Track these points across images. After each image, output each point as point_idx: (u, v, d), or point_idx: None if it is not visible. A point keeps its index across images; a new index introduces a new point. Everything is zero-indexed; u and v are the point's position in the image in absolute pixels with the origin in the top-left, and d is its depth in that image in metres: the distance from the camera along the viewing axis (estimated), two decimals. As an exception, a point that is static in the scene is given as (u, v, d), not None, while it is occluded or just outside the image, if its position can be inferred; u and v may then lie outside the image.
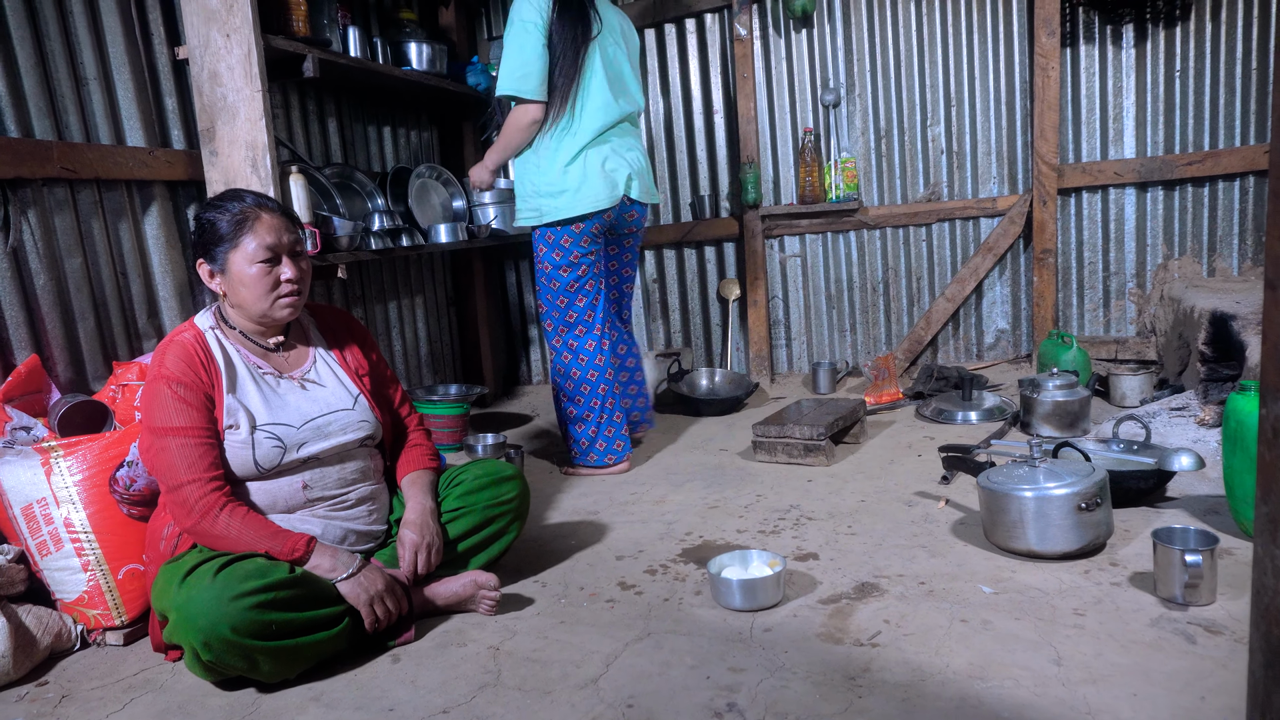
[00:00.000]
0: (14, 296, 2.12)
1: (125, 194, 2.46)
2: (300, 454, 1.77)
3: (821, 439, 2.76)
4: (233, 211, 1.74)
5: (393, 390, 2.06)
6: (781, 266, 4.09)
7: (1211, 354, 2.77)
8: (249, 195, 1.79)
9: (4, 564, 1.79)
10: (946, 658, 1.53)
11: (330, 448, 1.81)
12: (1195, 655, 1.47)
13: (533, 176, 2.72)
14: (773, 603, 1.79)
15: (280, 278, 1.76)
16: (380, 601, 1.69)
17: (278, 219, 1.77)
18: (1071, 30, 3.54)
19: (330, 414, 1.83)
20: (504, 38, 2.65)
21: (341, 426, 1.84)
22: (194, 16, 2.46)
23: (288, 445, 1.75)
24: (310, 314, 1.98)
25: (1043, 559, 1.89)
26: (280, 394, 1.80)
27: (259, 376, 1.80)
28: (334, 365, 1.92)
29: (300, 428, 1.78)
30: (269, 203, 1.79)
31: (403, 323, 3.78)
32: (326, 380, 1.88)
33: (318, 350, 1.92)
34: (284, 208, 1.83)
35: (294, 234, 1.80)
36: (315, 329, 1.96)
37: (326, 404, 1.84)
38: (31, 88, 2.20)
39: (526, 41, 2.58)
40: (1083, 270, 3.73)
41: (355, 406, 1.88)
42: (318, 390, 1.85)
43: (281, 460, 1.74)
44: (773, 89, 3.94)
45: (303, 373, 1.86)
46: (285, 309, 1.79)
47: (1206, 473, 2.29)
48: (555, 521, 2.46)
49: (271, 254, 1.74)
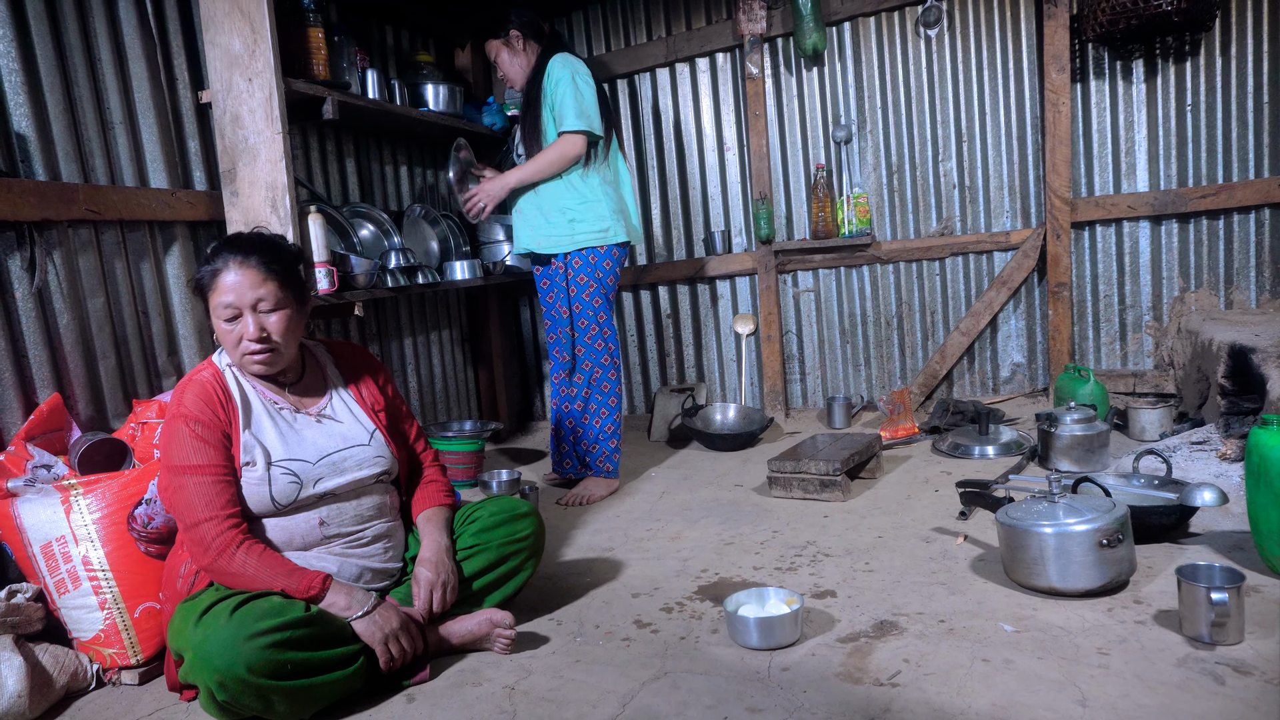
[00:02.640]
0: (38, 336, 2.15)
1: (148, 234, 2.50)
2: (317, 489, 1.77)
3: (837, 474, 2.74)
4: (209, 267, 1.74)
5: (408, 426, 2.06)
6: (795, 301, 4.10)
7: (1231, 387, 2.74)
8: (233, 248, 1.75)
9: (22, 602, 1.79)
10: (969, 698, 1.50)
11: (346, 483, 1.82)
12: (1224, 696, 1.44)
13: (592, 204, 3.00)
14: (790, 641, 1.76)
15: (242, 335, 1.74)
16: (395, 640, 1.68)
17: (248, 274, 1.72)
18: (1081, 66, 3.57)
19: (346, 449, 1.84)
20: (557, 86, 2.94)
21: (358, 462, 1.85)
22: (217, 61, 2.52)
23: (304, 481, 1.76)
24: (328, 350, 2.00)
25: (1064, 596, 1.87)
26: (297, 430, 1.81)
27: (275, 413, 1.81)
28: (350, 401, 1.93)
29: (316, 463, 1.79)
30: (249, 258, 1.73)
31: (418, 359, 3.81)
32: (343, 416, 1.89)
33: (334, 386, 1.94)
34: (270, 261, 1.76)
35: (261, 291, 1.73)
36: (332, 365, 1.98)
37: (343, 439, 1.85)
38: (59, 132, 2.25)
39: (587, 91, 2.95)
40: (1098, 303, 3.71)
41: (371, 442, 1.89)
42: (334, 426, 1.86)
43: (298, 496, 1.75)
44: (784, 126, 3.98)
45: (319, 409, 1.88)
46: (254, 365, 1.78)
47: (1230, 508, 2.26)
48: (570, 558, 2.45)
49: (232, 311, 1.73)
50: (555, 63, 2.97)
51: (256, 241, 1.79)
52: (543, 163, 2.96)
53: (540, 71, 3.00)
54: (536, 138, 3.04)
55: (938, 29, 3.72)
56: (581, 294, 3.03)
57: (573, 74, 2.93)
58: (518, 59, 3.09)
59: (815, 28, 3.67)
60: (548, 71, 2.98)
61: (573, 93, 2.91)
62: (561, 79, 2.93)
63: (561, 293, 3.07)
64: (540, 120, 3.02)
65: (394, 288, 3.09)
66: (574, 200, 2.99)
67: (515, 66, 3.11)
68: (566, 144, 2.93)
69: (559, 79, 2.93)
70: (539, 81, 3.01)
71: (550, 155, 2.95)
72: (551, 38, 3.12)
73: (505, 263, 3.68)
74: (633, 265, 4.26)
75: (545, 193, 3.02)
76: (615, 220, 3.03)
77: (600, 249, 3.01)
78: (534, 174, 2.98)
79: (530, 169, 2.98)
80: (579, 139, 2.93)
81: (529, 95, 3.05)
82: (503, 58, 3.11)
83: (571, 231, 3.00)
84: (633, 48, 4.10)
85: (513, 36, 3.07)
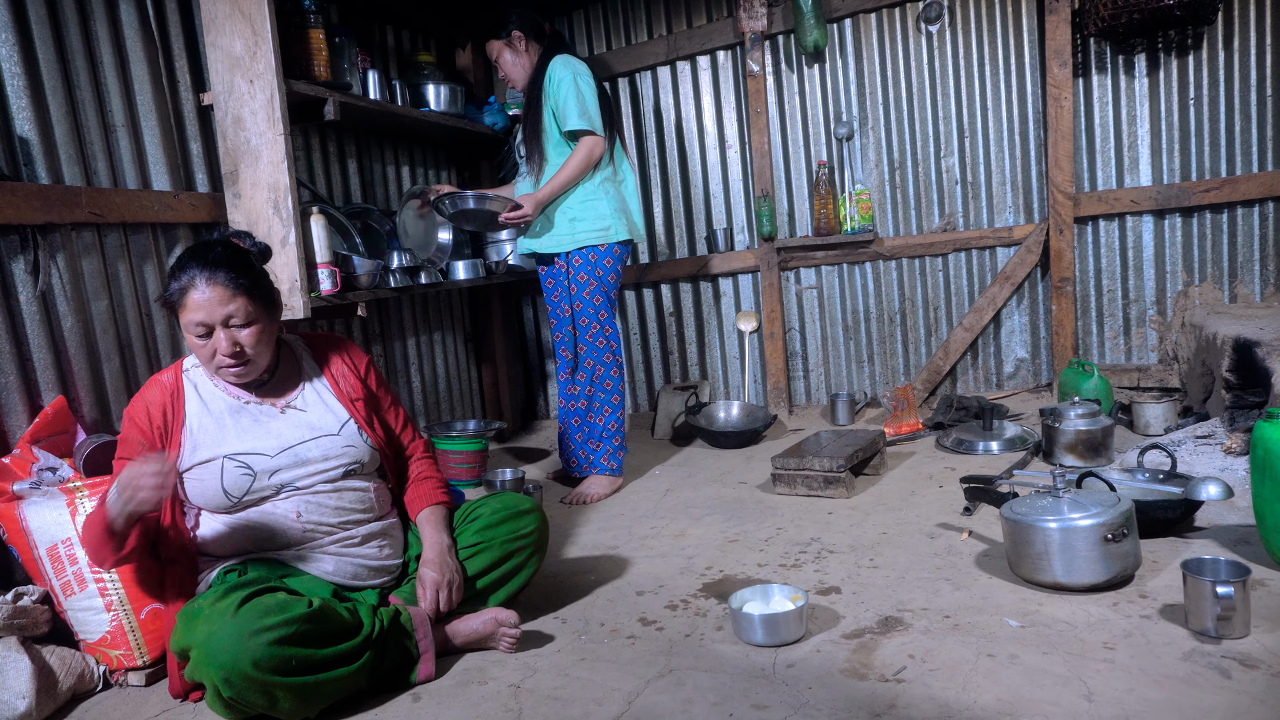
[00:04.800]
0: (42, 339, 2.16)
1: (150, 237, 2.50)
2: (273, 481, 1.78)
3: (841, 471, 2.74)
4: (177, 284, 1.72)
5: (393, 416, 2.05)
6: (798, 298, 4.10)
7: (1236, 381, 2.74)
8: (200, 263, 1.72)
9: (28, 605, 1.80)
10: (974, 693, 1.50)
11: (310, 473, 1.82)
12: (1231, 690, 1.44)
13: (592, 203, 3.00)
14: (795, 638, 1.76)
15: (214, 350, 1.75)
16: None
17: (216, 291, 1.70)
18: (1083, 61, 3.56)
19: (311, 440, 1.84)
20: (559, 87, 2.93)
21: (323, 452, 1.84)
22: (219, 64, 2.53)
23: (257, 472, 1.77)
24: (306, 343, 2.00)
25: (1069, 591, 1.86)
26: (260, 422, 1.82)
27: (239, 408, 1.82)
28: (323, 392, 1.92)
29: (275, 455, 1.79)
30: (217, 274, 1.71)
31: (421, 359, 3.81)
32: (311, 406, 1.89)
33: (308, 378, 1.93)
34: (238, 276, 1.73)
35: (231, 307, 1.71)
36: (309, 358, 1.97)
37: (310, 429, 1.85)
38: (62, 135, 2.25)
39: (588, 92, 2.95)
40: (1102, 298, 3.71)
41: (341, 431, 1.88)
42: (299, 416, 1.86)
43: (251, 486, 1.76)
44: (786, 123, 3.98)
45: (287, 400, 1.88)
46: (229, 377, 1.80)
47: (1235, 502, 2.25)
48: (574, 556, 2.45)
49: (203, 329, 1.73)
50: (556, 64, 2.98)
51: (223, 255, 1.74)
52: (571, 170, 2.96)
53: (541, 72, 3.01)
54: (538, 138, 3.04)
55: (939, 24, 3.71)
56: (582, 292, 3.03)
57: (574, 75, 2.94)
58: (519, 59, 3.10)
59: (816, 24, 3.67)
60: (549, 73, 2.98)
61: (574, 94, 2.92)
62: (563, 80, 2.93)
63: (564, 291, 3.07)
64: (541, 121, 3.03)
65: (397, 288, 3.10)
66: (575, 199, 3.00)
67: (517, 67, 3.11)
68: (587, 146, 2.95)
69: (560, 80, 2.94)
70: (540, 82, 3.01)
71: (577, 161, 2.95)
72: (553, 38, 3.13)
73: (508, 262, 3.68)
74: (635, 263, 4.26)
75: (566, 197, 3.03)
76: (616, 219, 3.03)
77: (601, 247, 3.02)
78: (565, 183, 2.97)
79: (561, 179, 2.96)
80: (596, 138, 2.96)
81: (530, 96, 3.05)
82: (504, 58, 3.12)
83: (572, 230, 3.00)
84: (633, 46, 4.10)
85: (514, 37, 3.08)
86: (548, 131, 3.03)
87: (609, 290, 3.06)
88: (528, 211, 2.96)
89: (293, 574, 1.78)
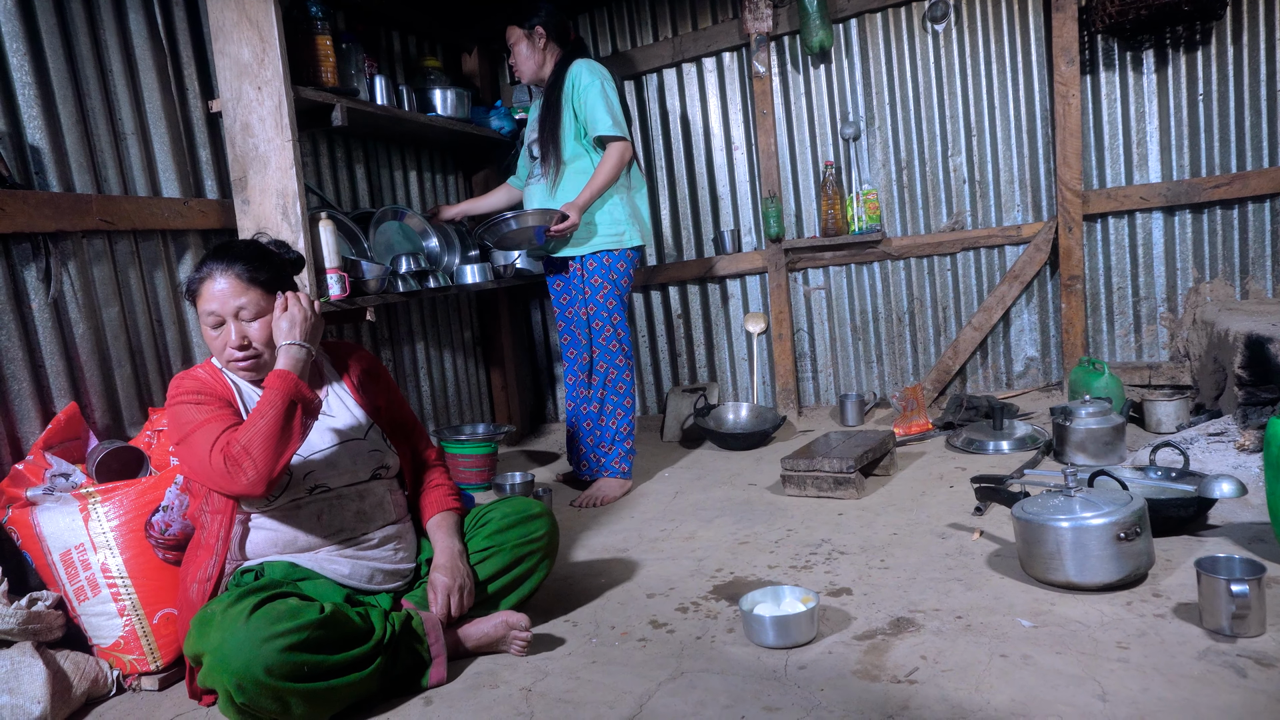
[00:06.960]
0: (54, 346, 2.17)
1: (161, 244, 2.52)
2: (307, 483, 1.79)
3: (851, 472, 2.73)
4: (196, 275, 1.80)
5: (408, 423, 2.08)
6: (806, 299, 4.09)
7: (1248, 377, 2.72)
8: (220, 256, 1.79)
9: (43, 610, 1.81)
10: (987, 694, 1.49)
11: (340, 475, 1.83)
12: (1247, 689, 1.43)
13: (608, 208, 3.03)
14: (807, 639, 1.76)
15: (225, 341, 1.79)
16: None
17: (229, 284, 1.76)
18: (1091, 58, 3.55)
19: (341, 444, 1.86)
20: (586, 92, 2.95)
21: (352, 457, 1.86)
22: (227, 71, 2.54)
23: (294, 474, 1.77)
24: (324, 350, 2.02)
25: (1082, 591, 1.85)
26: None
27: None
28: (346, 398, 1.95)
29: (308, 457, 1.80)
30: (233, 266, 1.77)
31: (430, 363, 3.82)
32: (337, 411, 1.91)
33: (330, 382, 1.96)
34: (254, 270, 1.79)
35: (243, 299, 1.77)
36: (329, 364, 2.00)
37: (337, 434, 1.87)
38: (73, 143, 2.27)
39: (614, 96, 2.99)
40: (1112, 296, 3.69)
41: (366, 437, 1.91)
42: (326, 421, 1.88)
43: (287, 486, 1.77)
44: (792, 124, 3.97)
45: None
46: (239, 369, 1.82)
47: (1249, 499, 2.24)
48: (585, 559, 2.45)
49: (216, 319, 1.78)
50: (581, 68, 2.98)
51: (243, 250, 1.82)
52: (607, 174, 2.97)
53: (562, 74, 3.02)
54: (556, 140, 3.04)
55: (945, 24, 3.70)
56: (596, 296, 3.04)
57: (601, 80, 2.97)
58: (534, 55, 3.09)
59: (822, 25, 3.67)
60: (573, 77, 2.99)
61: (603, 100, 2.94)
62: (590, 86, 2.95)
63: (578, 295, 3.07)
64: (560, 123, 3.03)
65: (405, 292, 3.10)
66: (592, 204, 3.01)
67: (530, 61, 3.10)
68: (618, 151, 2.97)
69: (587, 85, 2.95)
70: (560, 85, 3.02)
71: (611, 165, 2.97)
72: (576, 44, 3.13)
73: (516, 265, 3.68)
74: (643, 266, 4.26)
75: (561, 198, 3.04)
76: (630, 224, 3.06)
77: (615, 252, 3.04)
78: (602, 188, 2.98)
79: (598, 183, 2.97)
80: (626, 143, 2.98)
81: (550, 97, 3.05)
82: (520, 48, 3.11)
83: (588, 235, 3.02)
84: (639, 49, 4.10)
85: (536, 33, 3.07)
86: (565, 133, 3.03)
87: (622, 294, 3.08)
88: (575, 220, 2.94)
89: (307, 578, 1.78)
